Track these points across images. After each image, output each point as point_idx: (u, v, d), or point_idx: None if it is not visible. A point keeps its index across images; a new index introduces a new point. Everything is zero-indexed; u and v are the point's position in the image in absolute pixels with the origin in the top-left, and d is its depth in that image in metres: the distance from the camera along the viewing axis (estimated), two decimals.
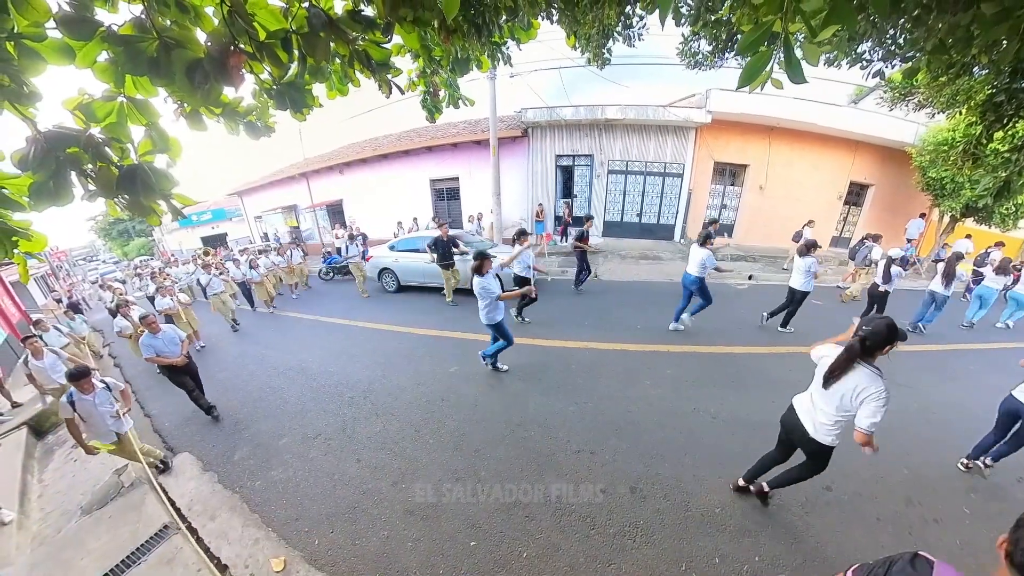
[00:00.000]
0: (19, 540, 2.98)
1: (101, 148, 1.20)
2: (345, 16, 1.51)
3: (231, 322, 7.40)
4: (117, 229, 39.28)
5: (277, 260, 9.46)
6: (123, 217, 1.37)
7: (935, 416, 3.51)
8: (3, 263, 3.57)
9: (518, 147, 11.74)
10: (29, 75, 1.16)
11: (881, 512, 2.49)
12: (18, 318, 10.51)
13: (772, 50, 0.92)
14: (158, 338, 3.96)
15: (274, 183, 18.33)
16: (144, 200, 1.22)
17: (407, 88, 2.52)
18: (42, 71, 1.18)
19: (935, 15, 1.39)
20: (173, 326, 4.20)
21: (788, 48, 0.91)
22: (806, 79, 0.96)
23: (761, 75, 0.98)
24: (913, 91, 6.16)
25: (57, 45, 1.17)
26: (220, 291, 7.33)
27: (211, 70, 1.22)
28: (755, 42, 0.93)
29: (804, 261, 4.96)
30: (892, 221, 11.57)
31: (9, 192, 1.18)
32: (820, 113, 10.01)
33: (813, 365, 2.18)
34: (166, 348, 3.97)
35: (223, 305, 7.30)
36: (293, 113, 1.69)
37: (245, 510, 2.91)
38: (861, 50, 2.23)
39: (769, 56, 0.94)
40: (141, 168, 1.22)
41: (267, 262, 9.05)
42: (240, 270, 8.28)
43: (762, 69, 0.97)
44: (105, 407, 3.01)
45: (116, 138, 1.24)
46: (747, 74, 0.98)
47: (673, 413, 3.56)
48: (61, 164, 1.15)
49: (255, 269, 8.28)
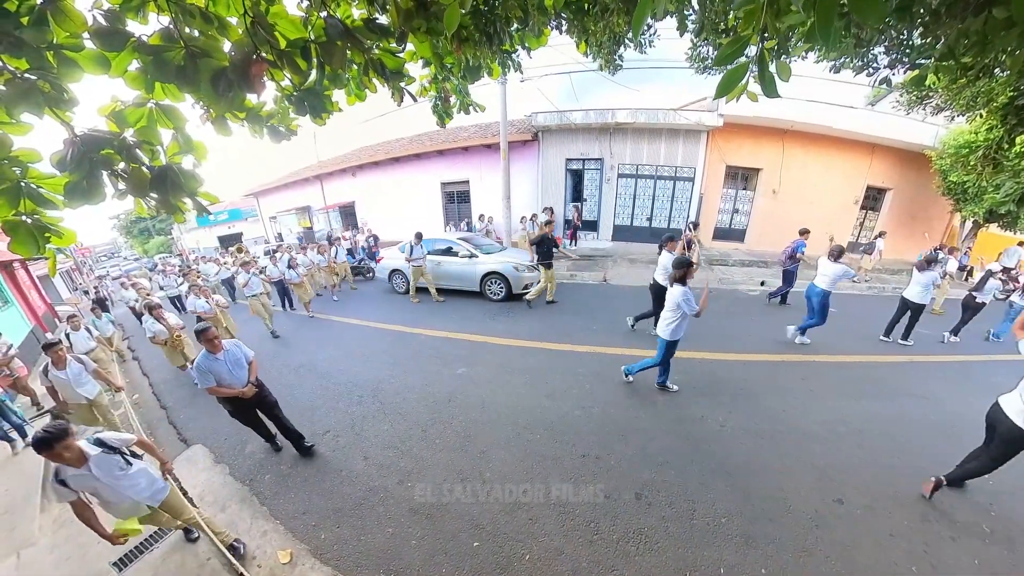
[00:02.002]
0: (42, 522, 3.11)
1: (133, 150, 1.27)
2: (361, 25, 1.56)
3: (269, 327, 6.77)
4: (138, 227, 40.61)
5: (317, 259, 8.70)
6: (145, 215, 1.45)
7: (954, 430, 3.40)
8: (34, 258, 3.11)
9: (528, 151, 11.80)
10: (67, 82, 1.23)
11: (895, 528, 2.43)
12: (44, 310, 10.95)
13: (748, 64, 0.94)
14: (219, 359, 2.92)
15: (289, 185, 18.77)
16: (173, 199, 1.28)
17: (419, 94, 2.58)
18: (79, 79, 1.25)
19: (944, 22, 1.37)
20: (237, 341, 3.17)
21: (762, 63, 0.92)
22: (779, 94, 0.98)
23: (737, 87, 1.01)
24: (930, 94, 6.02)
25: (93, 55, 1.25)
26: (260, 292, 6.64)
27: (234, 78, 1.28)
28: (730, 56, 0.96)
29: (926, 275, 5.00)
30: (912, 226, 11.28)
31: (46, 191, 1.25)
32: (835, 115, 9.84)
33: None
34: (230, 374, 2.97)
35: (262, 308, 6.67)
36: (313, 118, 1.76)
37: (255, 502, 2.97)
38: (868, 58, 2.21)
39: (745, 69, 0.96)
40: (171, 169, 1.29)
41: (305, 260, 8.35)
42: (277, 268, 7.64)
43: (738, 82, 0.99)
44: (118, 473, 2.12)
45: (147, 141, 1.31)
46: (723, 86, 1.01)
47: (680, 420, 3.52)
48: (94, 165, 1.22)
49: (294, 268, 7.55)
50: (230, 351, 3.01)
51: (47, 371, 3.56)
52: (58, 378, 3.56)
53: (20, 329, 8.31)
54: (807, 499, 2.63)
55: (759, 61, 0.93)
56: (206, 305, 5.68)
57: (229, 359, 2.98)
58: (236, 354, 3.05)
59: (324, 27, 1.43)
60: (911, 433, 3.33)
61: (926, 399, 3.87)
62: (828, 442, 3.20)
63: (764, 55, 0.92)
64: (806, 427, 3.39)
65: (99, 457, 2.05)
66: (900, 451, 3.10)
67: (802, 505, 2.58)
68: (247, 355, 3.13)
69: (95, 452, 2.05)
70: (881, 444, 3.18)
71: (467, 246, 7.61)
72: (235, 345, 3.09)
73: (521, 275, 7.07)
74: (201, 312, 5.62)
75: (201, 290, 5.83)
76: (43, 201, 1.30)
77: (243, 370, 3.06)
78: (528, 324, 6.09)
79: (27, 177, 1.21)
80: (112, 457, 2.11)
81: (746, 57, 0.96)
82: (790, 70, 0.95)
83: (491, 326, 6.10)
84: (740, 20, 0.97)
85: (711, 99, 10.61)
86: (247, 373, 3.08)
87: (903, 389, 4.05)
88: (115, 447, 2.16)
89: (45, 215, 1.31)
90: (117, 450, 2.16)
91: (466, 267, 7.47)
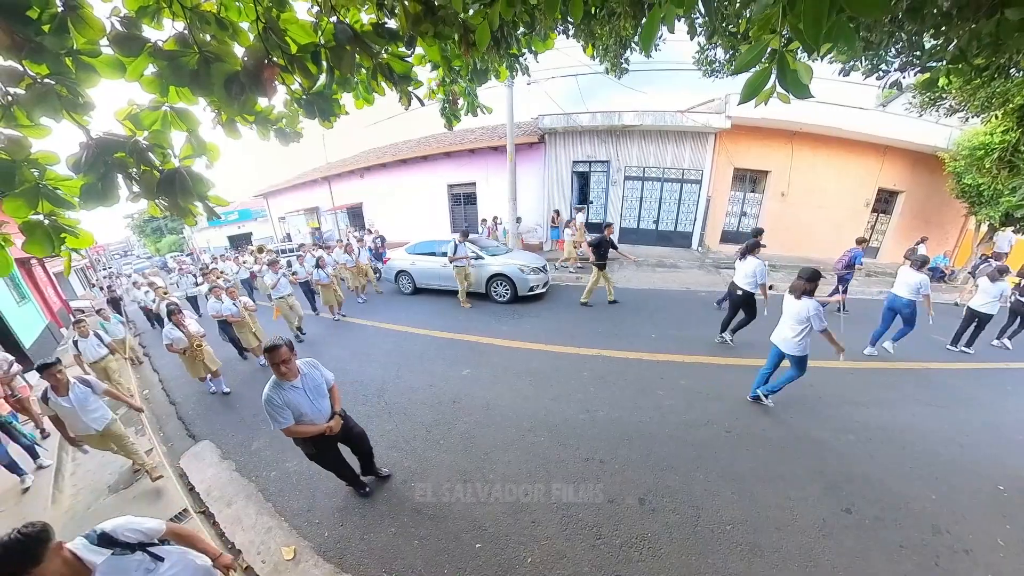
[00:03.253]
0: (53, 513, 3.19)
1: (145, 153, 1.29)
2: (370, 30, 1.58)
3: (295, 330, 6.42)
4: (151, 226, 41.43)
5: (344, 258, 8.26)
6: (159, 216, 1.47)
7: (968, 440, 3.32)
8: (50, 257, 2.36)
9: (535, 153, 11.82)
10: (84, 87, 1.26)
11: (905, 539, 2.37)
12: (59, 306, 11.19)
13: (770, 68, 0.93)
14: (297, 387, 2.23)
15: (298, 186, 19.01)
16: (182, 202, 1.31)
17: (427, 97, 2.60)
18: (96, 84, 1.28)
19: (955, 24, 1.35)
20: (313, 362, 2.41)
21: (782, 66, 0.91)
22: (811, 94, 0.96)
23: (763, 92, 1.00)
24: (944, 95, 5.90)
25: (110, 60, 1.28)
26: (288, 293, 6.28)
27: (246, 82, 1.31)
28: (751, 61, 0.95)
29: (997, 286, 4.98)
30: (925, 229, 11.06)
31: (63, 192, 1.28)
32: (845, 117, 9.69)
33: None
34: (312, 406, 2.27)
35: (290, 310, 6.29)
36: (321, 121, 1.78)
37: (260, 499, 3.01)
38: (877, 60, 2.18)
39: (768, 73, 0.95)
40: (179, 172, 1.31)
41: (332, 260, 7.96)
42: (304, 268, 7.32)
43: (762, 86, 0.98)
44: None
45: (159, 144, 1.34)
46: (748, 90, 1.00)
47: (686, 425, 3.49)
48: (109, 168, 1.25)
49: (322, 268, 7.02)
50: (307, 375, 2.29)
51: (47, 398, 2.91)
52: (61, 406, 2.92)
53: (36, 325, 8.50)
54: (815, 508, 2.59)
55: (779, 64, 0.91)
56: (233, 307, 5.15)
57: (308, 386, 2.27)
58: (316, 379, 2.33)
59: (334, 32, 1.45)
60: (921, 442, 3.26)
61: (941, 408, 3.78)
62: (837, 450, 3.14)
63: (784, 57, 0.91)
64: (815, 434, 3.34)
65: (109, 564, 1.34)
66: (908, 460, 3.04)
67: (809, 514, 2.54)
68: (328, 378, 2.43)
69: (101, 559, 1.32)
70: (891, 452, 3.12)
71: (473, 248, 7.63)
72: (312, 367, 2.36)
73: (527, 277, 7.06)
74: (228, 316, 5.20)
75: (228, 291, 5.30)
76: (60, 202, 1.33)
77: (325, 399, 2.38)
78: (533, 327, 6.09)
79: (45, 179, 1.25)
80: (128, 559, 1.39)
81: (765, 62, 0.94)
82: (811, 71, 0.93)
83: (496, 328, 6.11)
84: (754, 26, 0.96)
85: (719, 101, 10.54)
86: (327, 401, 2.40)
87: (919, 397, 3.97)
88: (132, 543, 1.41)
89: (63, 216, 1.34)
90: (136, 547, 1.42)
91: (472, 269, 7.48)
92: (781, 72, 0.91)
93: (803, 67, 0.92)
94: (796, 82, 0.93)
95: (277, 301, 6.21)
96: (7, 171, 1.15)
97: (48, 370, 2.84)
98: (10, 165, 1.16)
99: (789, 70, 0.91)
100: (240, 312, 5.21)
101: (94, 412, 3.07)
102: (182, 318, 4.48)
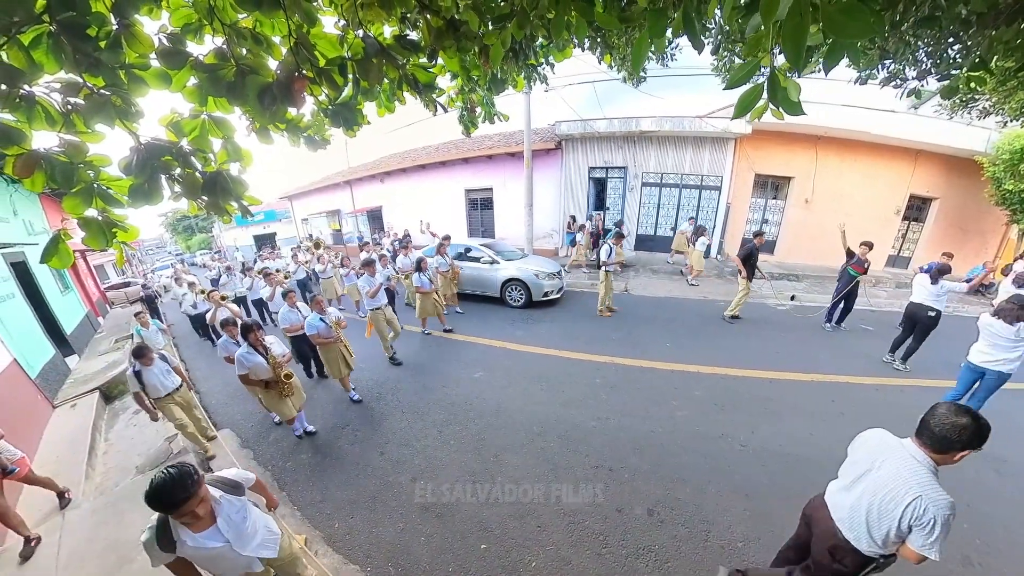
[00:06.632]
0: (86, 488, 3.40)
1: (188, 157, 1.41)
2: (393, 43, 1.66)
3: (389, 351, 5.11)
4: (183, 224, 43.52)
5: (438, 261, 6.68)
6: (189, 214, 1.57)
7: (1007, 468, 3.12)
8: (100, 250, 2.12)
9: (551, 159, 11.86)
10: (135, 97, 1.39)
11: (932, 572, 2.25)
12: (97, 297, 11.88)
13: (761, 87, 0.95)
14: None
15: (321, 189, 19.66)
16: (222, 201, 1.41)
17: (447, 105, 2.68)
18: (145, 94, 1.40)
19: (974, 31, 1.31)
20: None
21: (773, 84, 0.93)
22: (803, 111, 0.98)
23: (756, 108, 1.02)
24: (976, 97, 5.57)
25: (157, 73, 1.40)
26: (384, 303, 4.96)
27: (278, 93, 1.40)
28: (743, 78, 0.97)
29: None
30: (962, 238, 10.44)
31: (113, 192, 1.40)
32: (873, 120, 9.30)
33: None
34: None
35: (386, 325, 4.99)
36: (345, 130, 1.87)
37: (275, 487, 3.12)
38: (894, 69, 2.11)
39: (760, 91, 0.97)
40: (221, 175, 1.42)
41: (405, 263, 6.78)
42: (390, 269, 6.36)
43: (755, 103, 1.00)
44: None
45: (200, 149, 1.45)
46: (741, 107, 1.02)
47: (699, 437, 3.42)
48: (155, 170, 1.36)
49: (423, 272, 5.61)
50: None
51: None
52: None
53: (77, 313, 9.04)
54: None
55: (770, 82, 0.93)
56: (320, 323, 3.79)
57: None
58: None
59: (363, 45, 1.54)
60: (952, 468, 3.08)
61: None
62: None
63: (775, 76, 0.93)
64: (834, 452, 3.20)
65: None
66: None
67: None
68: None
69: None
70: None
71: (489, 252, 7.72)
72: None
73: (541, 282, 7.08)
74: (320, 336, 3.83)
75: (315, 301, 3.87)
76: (111, 200, 1.45)
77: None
78: (546, 332, 6.09)
79: (99, 179, 1.37)
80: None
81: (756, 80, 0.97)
82: (799, 88, 0.95)
83: (510, 332, 6.14)
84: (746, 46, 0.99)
85: None
86: None
87: None
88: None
89: (112, 212, 1.46)
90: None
91: (487, 273, 7.56)
92: (772, 90, 0.93)
93: (792, 85, 0.93)
94: (786, 99, 0.95)
95: (372, 313, 4.89)
96: (67, 172, 1.27)
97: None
98: (69, 167, 1.28)
99: (779, 88, 0.93)
100: (331, 330, 3.82)
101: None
102: (260, 336, 3.18)
